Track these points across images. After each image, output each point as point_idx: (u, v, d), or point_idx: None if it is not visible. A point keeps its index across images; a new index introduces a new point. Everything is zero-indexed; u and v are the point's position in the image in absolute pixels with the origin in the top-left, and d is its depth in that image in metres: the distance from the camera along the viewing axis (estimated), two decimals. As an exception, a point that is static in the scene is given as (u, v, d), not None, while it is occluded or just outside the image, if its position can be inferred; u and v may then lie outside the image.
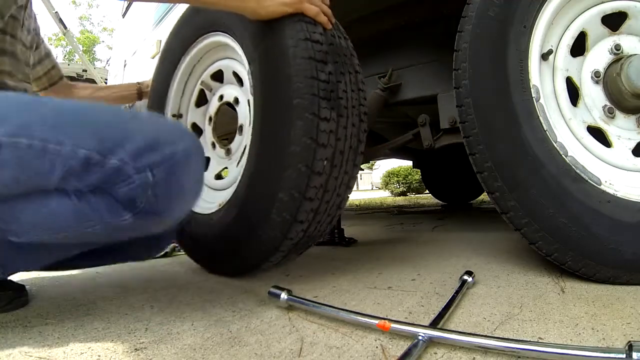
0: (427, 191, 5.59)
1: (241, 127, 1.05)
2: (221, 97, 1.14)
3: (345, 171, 0.86)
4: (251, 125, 0.91)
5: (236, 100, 1.08)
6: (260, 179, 0.85)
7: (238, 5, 0.86)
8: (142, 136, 0.58)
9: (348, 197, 0.93)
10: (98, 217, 0.60)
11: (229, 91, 1.12)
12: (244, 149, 1.01)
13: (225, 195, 1.00)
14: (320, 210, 0.85)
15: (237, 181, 0.94)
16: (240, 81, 1.07)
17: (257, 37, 0.89)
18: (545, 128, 0.84)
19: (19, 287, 0.81)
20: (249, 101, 1.01)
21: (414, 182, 8.93)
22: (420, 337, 0.53)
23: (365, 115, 0.91)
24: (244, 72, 1.04)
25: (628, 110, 0.87)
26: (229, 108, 1.11)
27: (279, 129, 0.81)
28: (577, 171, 0.82)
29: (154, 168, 0.57)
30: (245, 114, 1.04)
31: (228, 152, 1.09)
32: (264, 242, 0.85)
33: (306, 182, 0.78)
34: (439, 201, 4.17)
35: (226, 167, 1.11)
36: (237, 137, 1.06)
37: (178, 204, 0.64)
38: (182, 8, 1.90)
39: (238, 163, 1.04)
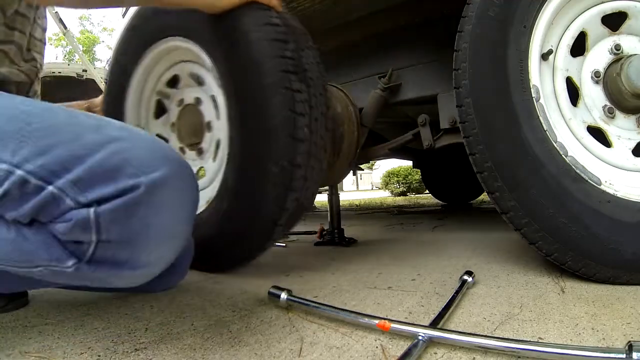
0: (427, 191, 5.59)
1: (209, 123, 1.06)
2: (181, 102, 1.14)
3: (321, 136, 0.91)
4: (225, 117, 0.94)
5: (198, 101, 1.09)
6: (249, 162, 0.87)
7: (195, 2, 0.86)
8: (97, 158, 0.43)
9: (326, 161, 0.98)
10: (37, 259, 0.46)
11: (189, 94, 1.12)
12: (217, 143, 1.04)
13: (210, 191, 1.01)
14: (308, 177, 0.89)
15: (221, 173, 0.96)
16: (198, 82, 1.09)
17: (217, 32, 0.91)
18: (545, 128, 0.84)
19: (19, 288, 0.81)
20: (212, 97, 1.04)
21: (414, 182, 8.94)
22: (420, 337, 0.53)
23: (328, 85, 0.98)
24: (204, 70, 1.06)
25: (628, 110, 0.87)
26: (194, 111, 1.13)
27: (259, 110, 0.85)
28: (577, 171, 0.82)
29: (99, 204, 0.43)
30: (210, 111, 1.06)
31: (200, 152, 1.11)
32: (264, 220, 0.88)
33: (293, 151, 0.83)
34: (439, 201, 4.17)
35: (202, 167, 1.12)
36: (207, 135, 1.08)
37: (146, 253, 0.47)
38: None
39: (214, 158, 1.06)
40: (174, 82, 1.15)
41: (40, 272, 0.47)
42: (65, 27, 3.99)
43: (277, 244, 1.65)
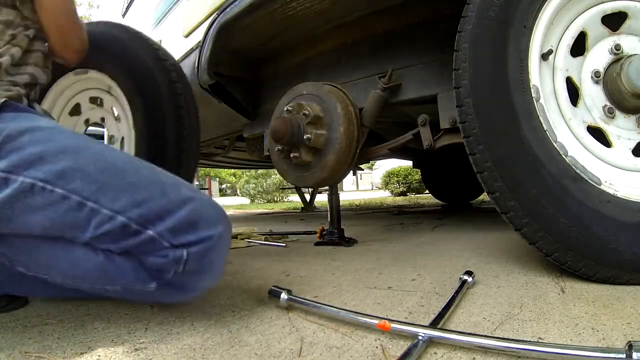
0: (427, 191, 5.59)
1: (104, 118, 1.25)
2: (87, 121, 1.27)
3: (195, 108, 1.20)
4: (126, 115, 1.13)
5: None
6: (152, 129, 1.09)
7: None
8: (183, 213, 0.58)
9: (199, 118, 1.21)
10: (121, 279, 0.60)
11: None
12: (121, 140, 1.22)
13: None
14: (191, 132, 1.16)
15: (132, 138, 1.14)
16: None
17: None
18: (545, 128, 0.84)
19: (20, 287, 0.82)
20: (96, 99, 1.24)
21: (414, 182, 8.94)
22: (420, 337, 0.53)
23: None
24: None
25: (628, 110, 0.87)
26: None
27: (151, 97, 1.08)
28: (577, 171, 0.82)
29: (189, 247, 0.58)
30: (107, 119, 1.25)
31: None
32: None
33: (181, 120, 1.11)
34: (439, 201, 4.17)
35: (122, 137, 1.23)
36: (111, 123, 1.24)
37: (203, 283, 0.64)
38: (184, 8, 1.90)
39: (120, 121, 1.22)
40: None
41: (114, 289, 0.62)
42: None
43: (277, 244, 1.65)
